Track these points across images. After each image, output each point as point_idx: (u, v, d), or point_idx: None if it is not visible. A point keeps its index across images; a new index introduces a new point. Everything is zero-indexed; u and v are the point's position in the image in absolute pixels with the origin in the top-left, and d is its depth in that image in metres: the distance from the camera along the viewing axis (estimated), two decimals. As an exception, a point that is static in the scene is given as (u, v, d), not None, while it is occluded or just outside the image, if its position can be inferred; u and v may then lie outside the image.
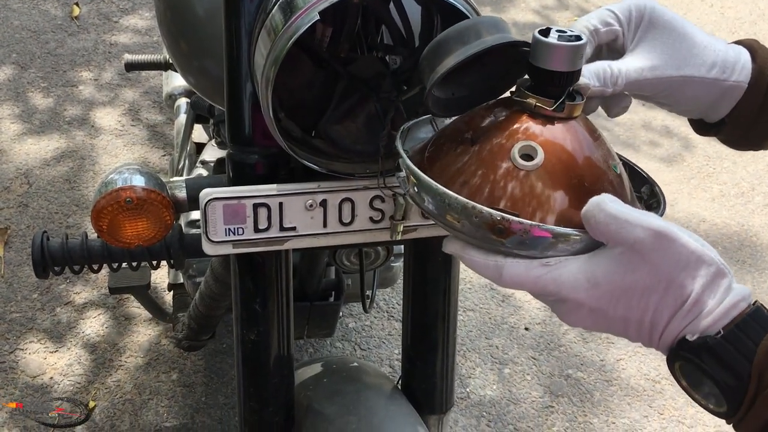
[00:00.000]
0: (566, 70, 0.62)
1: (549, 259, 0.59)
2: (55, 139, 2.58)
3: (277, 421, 1.02)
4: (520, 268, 0.59)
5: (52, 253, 1.02)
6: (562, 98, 0.63)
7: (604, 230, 0.57)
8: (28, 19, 3.17)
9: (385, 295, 2.18)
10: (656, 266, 0.55)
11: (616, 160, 0.67)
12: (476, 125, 0.66)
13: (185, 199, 0.91)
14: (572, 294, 0.58)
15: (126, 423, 1.77)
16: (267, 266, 0.93)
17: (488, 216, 0.59)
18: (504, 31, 0.66)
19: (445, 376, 1.10)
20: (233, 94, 0.85)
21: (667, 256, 0.55)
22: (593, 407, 1.95)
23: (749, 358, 0.54)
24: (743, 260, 2.49)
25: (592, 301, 0.58)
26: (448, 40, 0.65)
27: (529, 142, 0.62)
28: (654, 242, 0.55)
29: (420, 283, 1.06)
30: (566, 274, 0.58)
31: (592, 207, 0.57)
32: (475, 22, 0.65)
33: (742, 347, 0.54)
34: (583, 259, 0.58)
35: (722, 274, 0.56)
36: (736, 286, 0.56)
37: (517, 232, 0.58)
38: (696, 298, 0.55)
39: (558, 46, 0.61)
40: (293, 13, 0.73)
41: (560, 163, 0.62)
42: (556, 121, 0.63)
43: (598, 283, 0.57)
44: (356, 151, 0.86)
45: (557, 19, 3.77)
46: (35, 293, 2.05)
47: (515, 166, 0.61)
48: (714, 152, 2.99)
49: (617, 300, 0.57)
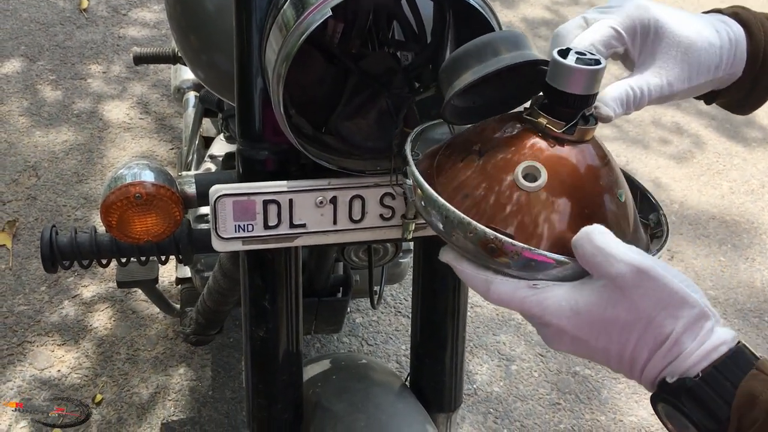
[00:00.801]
0: (582, 93, 0.61)
1: (537, 281, 0.59)
2: (64, 132, 2.58)
3: (286, 417, 1.02)
4: (508, 287, 0.60)
5: (61, 248, 1.02)
6: (574, 121, 0.62)
7: (590, 261, 0.57)
8: (36, 11, 3.17)
9: (392, 291, 2.17)
10: (636, 303, 0.55)
11: (623, 188, 0.65)
12: (486, 138, 0.66)
13: (194, 195, 0.91)
14: (554, 320, 0.58)
15: (133, 416, 1.77)
16: (276, 263, 0.93)
17: (482, 234, 0.59)
18: (523, 47, 0.65)
19: (453, 373, 1.09)
20: (244, 90, 0.84)
21: (647, 294, 0.55)
22: (601, 405, 1.95)
23: (728, 400, 0.53)
24: (753, 258, 2.48)
25: (573, 329, 0.57)
26: (466, 55, 0.64)
27: (534, 163, 0.61)
28: (635, 279, 0.55)
29: (429, 280, 1.06)
30: (551, 299, 0.58)
31: (581, 236, 0.57)
32: (494, 39, 0.64)
33: (721, 390, 0.53)
34: (568, 287, 0.58)
35: (705, 316, 0.55)
36: (720, 329, 0.55)
37: (509, 253, 0.59)
38: (675, 338, 0.55)
39: (576, 69, 0.60)
40: (305, 9, 0.72)
41: (563, 187, 0.61)
42: (566, 143, 0.62)
43: (579, 312, 0.57)
44: (367, 147, 0.86)
45: (568, 15, 3.75)
46: (43, 286, 2.05)
47: (517, 186, 0.61)
48: (724, 149, 2.97)
49: (598, 331, 0.57)
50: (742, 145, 3.01)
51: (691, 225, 2.57)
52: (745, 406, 0.52)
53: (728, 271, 2.41)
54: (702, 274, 2.38)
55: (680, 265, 2.40)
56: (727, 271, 2.41)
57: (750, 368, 0.53)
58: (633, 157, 2.87)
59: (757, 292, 2.35)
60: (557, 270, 0.59)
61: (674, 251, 2.45)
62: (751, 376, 0.53)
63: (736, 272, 2.41)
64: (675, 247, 2.47)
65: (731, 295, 2.33)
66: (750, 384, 0.52)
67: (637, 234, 0.67)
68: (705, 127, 3.09)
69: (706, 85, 0.73)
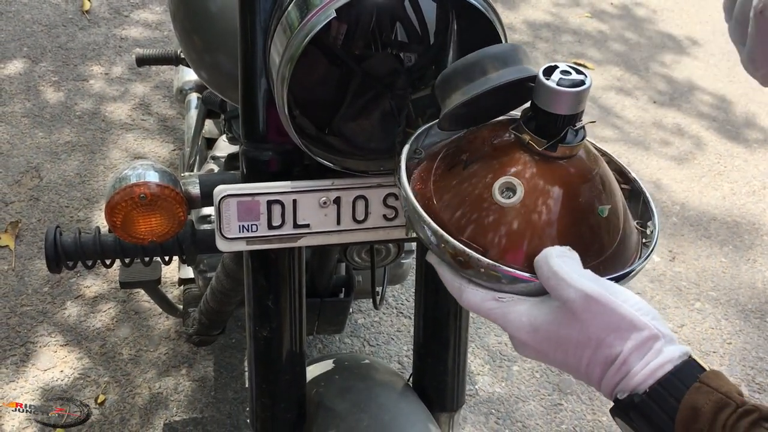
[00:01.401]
0: (566, 113, 0.62)
1: (503, 295, 0.62)
2: (66, 133, 2.58)
3: (289, 417, 1.02)
4: (477, 297, 0.63)
5: (65, 248, 1.02)
6: (555, 140, 0.63)
7: (546, 283, 0.60)
8: (39, 12, 3.18)
9: (394, 292, 2.18)
10: (587, 326, 0.58)
11: (606, 203, 0.66)
12: (475, 148, 0.68)
13: (198, 195, 0.91)
14: (516, 333, 0.62)
15: (136, 417, 1.77)
16: (280, 263, 0.93)
17: (452, 247, 0.62)
18: (513, 62, 0.65)
19: (456, 373, 1.09)
20: (248, 91, 0.84)
21: (597, 318, 0.58)
22: (602, 405, 1.95)
23: (672, 416, 0.55)
24: (754, 259, 2.48)
25: (533, 343, 0.61)
26: (455, 75, 0.66)
27: (512, 179, 0.63)
28: (584, 304, 0.58)
29: (432, 280, 1.06)
30: (513, 314, 0.62)
31: (540, 258, 0.61)
32: (482, 57, 0.65)
33: (665, 405, 0.56)
34: (530, 303, 0.61)
35: (654, 337, 0.58)
36: (670, 348, 0.58)
37: (475, 267, 0.62)
38: (624, 359, 0.57)
39: (559, 91, 0.61)
40: (309, 10, 0.73)
41: (538, 205, 0.63)
42: (547, 160, 0.64)
43: (537, 329, 0.60)
44: (370, 148, 0.86)
45: (569, 17, 3.76)
46: (46, 287, 2.06)
47: (494, 200, 0.63)
48: (725, 150, 2.97)
49: (555, 347, 0.60)
50: (743, 146, 3.02)
51: (693, 226, 2.58)
52: (688, 419, 0.54)
53: (730, 272, 2.42)
54: (703, 275, 2.39)
55: (682, 266, 2.41)
56: (729, 272, 2.42)
57: (693, 382, 0.56)
58: (634, 159, 2.87)
59: (758, 293, 2.35)
60: (522, 285, 0.62)
61: (676, 252, 2.45)
62: (694, 389, 0.55)
63: (737, 273, 2.42)
64: (676, 248, 2.47)
65: (733, 296, 2.33)
66: (692, 398, 0.55)
67: (625, 244, 0.68)
68: (706, 128, 3.09)
69: None
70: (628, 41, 3.61)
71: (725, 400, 0.54)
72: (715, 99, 3.29)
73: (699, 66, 3.52)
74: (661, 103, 3.22)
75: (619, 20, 3.81)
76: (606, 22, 3.74)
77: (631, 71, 3.40)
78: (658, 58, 3.53)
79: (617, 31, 3.70)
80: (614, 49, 3.52)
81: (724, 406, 0.54)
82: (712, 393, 0.55)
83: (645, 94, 3.26)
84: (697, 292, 2.32)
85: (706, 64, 3.54)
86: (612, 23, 3.76)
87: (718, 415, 0.53)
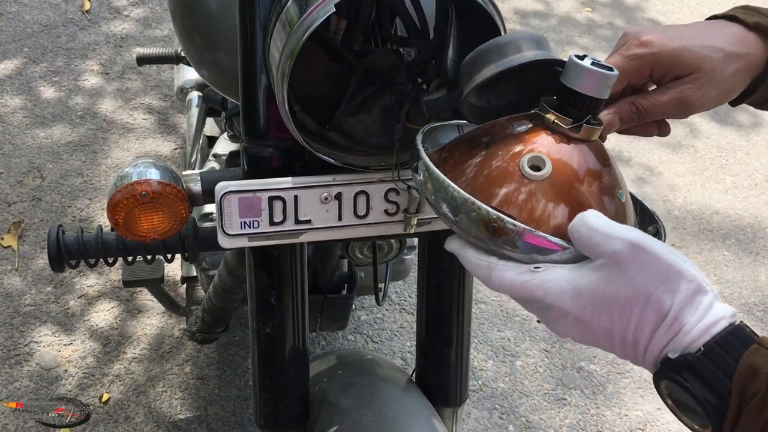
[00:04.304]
0: (592, 95, 0.63)
1: (538, 265, 0.60)
2: (68, 133, 2.59)
3: (293, 413, 1.02)
4: (510, 272, 0.60)
5: (68, 247, 1.02)
6: (582, 120, 0.64)
7: (587, 243, 0.58)
8: (39, 13, 3.18)
9: (396, 288, 2.18)
10: (634, 278, 0.56)
11: (624, 189, 0.67)
12: (495, 132, 0.68)
13: (200, 193, 0.92)
14: (557, 301, 0.58)
15: (140, 415, 1.78)
16: (282, 259, 0.93)
17: (485, 213, 0.60)
18: (543, 48, 0.68)
19: (459, 368, 1.09)
20: (248, 88, 0.84)
21: (644, 268, 0.55)
22: (606, 400, 1.95)
23: (729, 375, 0.53)
24: (757, 252, 2.48)
25: (576, 310, 0.58)
26: (489, 51, 0.67)
27: (540, 154, 0.63)
28: (631, 253, 0.56)
29: (434, 275, 1.06)
30: (552, 281, 0.59)
31: (576, 221, 0.59)
32: (516, 38, 0.67)
33: (722, 364, 0.54)
34: (569, 268, 0.59)
35: (703, 290, 0.55)
36: (719, 304, 0.56)
37: (510, 233, 0.60)
38: (675, 314, 0.55)
39: (591, 70, 0.63)
40: (309, 5, 0.73)
41: (565, 180, 0.63)
42: (571, 140, 0.65)
43: (581, 292, 0.57)
44: (371, 143, 0.86)
45: (558, 6, 3.76)
46: (49, 286, 2.06)
47: (522, 174, 0.63)
48: (727, 143, 2.97)
49: (600, 311, 0.57)
50: (745, 139, 3.01)
51: (695, 219, 2.57)
52: (746, 379, 0.52)
53: (732, 265, 2.41)
54: (706, 269, 2.38)
55: (684, 260, 2.41)
56: (731, 265, 2.41)
57: (751, 343, 0.54)
58: (636, 152, 2.87)
59: (761, 285, 2.35)
60: (557, 255, 0.60)
61: (678, 246, 2.45)
62: (753, 350, 0.53)
63: (740, 266, 2.42)
64: (679, 242, 2.47)
65: (735, 289, 2.33)
66: (751, 357, 0.53)
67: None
68: (708, 121, 3.09)
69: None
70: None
71: None
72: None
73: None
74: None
75: (609, 8, 3.81)
76: (596, 11, 3.74)
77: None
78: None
79: (607, 19, 3.70)
80: (604, 36, 3.52)
81: None
82: None
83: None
84: (700, 286, 2.32)
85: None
86: (602, 11, 3.76)
87: None
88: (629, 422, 1.91)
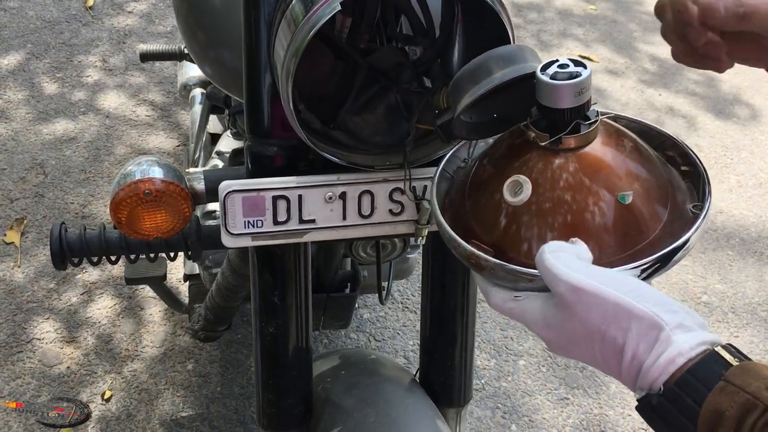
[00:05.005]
0: (568, 106, 0.62)
1: (519, 294, 0.61)
2: (70, 130, 2.58)
3: (296, 413, 1.02)
4: (498, 298, 0.63)
5: (71, 245, 1.02)
6: (558, 135, 0.63)
7: (544, 280, 0.59)
8: (42, 9, 3.18)
9: (399, 287, 2.17)
10: (584, 318, 0.56)
11: (628, 190, 0.64)
12: (493, 153, 0.70)
13: (204, 191, 0.91)
14: (536, 330, 0.60)
15: (142, 413, 1.77)
16: (286, 258, 0.93)
17: (464, 250, 0.63)
18: (518, 61, 0.65)
19: (463, 368, 1.09)
20: (252, 86, 0.84)
21: (591, 309, 0.55)
22: (609, 399, 1.94)
23: (693, 420, 0.51)
24: (761, 252, 2.47)
25: (552, 339, 0.59)
26: (462, 79, 0.67)
27: (519, 177, 0.64)
28: (574, 297, 0.56)
29: (439, 275, 1.06)
30: (529, 312, 0.60)
31: (538, 255, 0.59)
32: (486, 60, 0.66)
33: (684, 407, 0.51)
34: (542, 299, 0.60)
35: (656, 326, 0.53)
36: (681, 338, 0.53)
37: (486, 268, 0.62)
38: (632, 352, 0.54)
39: (553, 86, 0.61)
40: (314, 3, 0.72)
41: (547, 199, 0.63)
42: (556, 154, 0.64)
43: (550, 325, 0.59)
44: (376, 142, 0.86)
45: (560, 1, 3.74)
46: (51, 283, 2.06)
47: (504, 200, 0.64)
48: (731, 143, 2.96)
49: (571, 342, 0.58)
50: (749, 138, 3.00)
51: (699, 219, 2.57)
52: (711, 423, 0.50)
53: (736, 265, 2.41)
54: (710, 268, 2.38)
55: (687, 259, 2.40)
56: (735, 265, 2.41)
57: (716, 381, 0.50)
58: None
59: (765, 285, 2.34)
60: (535, 284, 0.61)
61: (682, 245, 2.45)
62: (718, 390, 0.50)
63: (744, 266, 2.41)
64: (683, 241, 2.46)
65: (740, 288, 2.32)
66: (715, 400, 0.50)
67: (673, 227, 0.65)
68: (712, 120, 3.08)
69: None
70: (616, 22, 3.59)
71: (752, 402, 0.49)
72: (718, 91, 3.28)
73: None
74: (651, 83, 3.21)
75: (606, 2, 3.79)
76: (595, 4, 3.73)
77: (622, 54, 3.38)
78: (648, 39, 3.51)
79: (604, 12, 3.68)
80: (603, 29, 3.51)
81: (752, 408, 0.48)
82: (738, 393, 0.49)
83: (635, 76, 3.25)
84: (704, 285, 2.31)
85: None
86: (600, 5, 3.75)
87: (744, 420, 0.48)
88: (632, 422, 1.90)
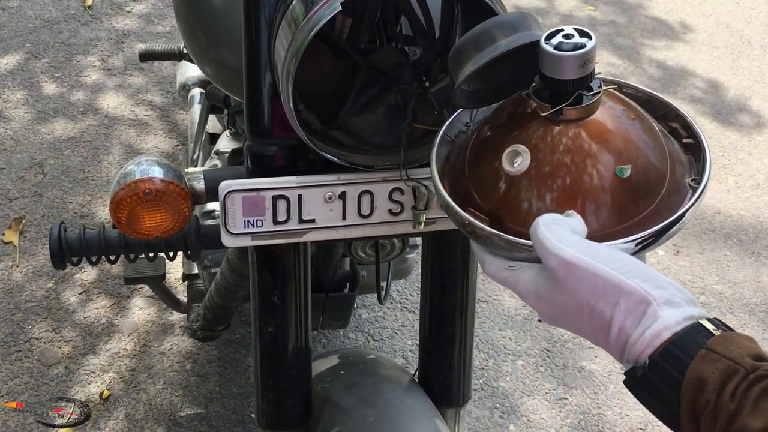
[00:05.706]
0: (572, 78, 0.61)
1: (513, 263, 0.62)
2: (69, 129, 2.58)
3: (295, 413, 1.02)
4: (493, 267, 0.63)
5: (70, 244, 1.02)
6: (559, 106, 0.62)
7: (537, 251, 0.59)
8: (41, 8, 3.18)
9: (398, 287, 2.17)
10: (574, 292, 0.56)
11: (627, 164, 0.64)
12: (494, 120, 0.69)
13: (203, 191, 0.91)
14: (528, 300, 0.61)
15: (141, 412, 1.77)
16: (285, 258, 0.93)
17: (460, 218, 0.63)
18: (522, 29, 0.64)
19: (462, 368, 1.09)
20: (252, 86, 0.84)
21: (582, 283, 0.56)
22: (607, 399, 1.95)
23: (676, 388, 0.52)
24: (759, 252, 2.47)
25: (543, 309, 0.60)
26: (465, 46, 0.66)
27: (518, 146, 0.63)
28: (565, 271, 0.56)
29: (438, 275, 1.06)
30: (522, 282, 0.61)
31: (532, 226, 0.60)
32: (490, 26, 0.65)
33: (668, 377, 0.53)
34: (535, 270, 0.60)
35: (644, 301, 0.54)
36: (668, 312, 0.54)
37: (481, 236, 0.62)
38: (619, 326, 0.55)
39: (557, 56, 0.60)
40: (315, 4, 0.72)
41: (547, 168, 0.62)
42: (557, 124, 0.63)
43: (541, 296, 0.59)
44: (376, 142, 0.86)
45: (560, 4, 3.75)
46: (50, 283, 2.06)
47: (503, 169, 0.64)
48: (729, 143, 2.96)
49: (561, 314, 0.59)
50: (747, 139, 3.01)
51: (697, 219, 2.57)
52: (695, 390, 0.51)
53: (734, 266, 2.41)
54: (708, 269, 2.38)
55: (686, 260, 2.40)
56: (733, 266, 2.41)
57: (698, 350, 0.52)
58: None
59: (763, 286, 2.34)
60: (526, 253, 0.61)
61: (680, 246, 2.45)
62: (699, 357, 0.52)
63: (742, 266, 2.41)
64: (680, 242, 2.46)
65: (737, 289, 2.32)
66: (697, 367, 0.51)
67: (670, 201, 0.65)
68: (710, 121, 3.08)
69: None
70: (617, 24, 3.60)
71: (734, 367, 0.50)
72: (719, 91, 3.28)
73: (690, 51, 3.51)
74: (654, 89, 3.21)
75: (607, 5, 3.79)
76: (598, 8, 3.73)
77: (624, 58, 3.39)
78: (650, 43, 3.51)
79: (608, 17, 3.69)
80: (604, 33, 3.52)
81: (733, 373, 0.50)
82: (720, 360, 0.51)
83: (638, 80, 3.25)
84: (702, 286, 2.32)
85: (706, 54, 3.52)
86: (602, 8, 3.75)
87: (726, 384, 0.50)
88: (630, 422, 1.91)
